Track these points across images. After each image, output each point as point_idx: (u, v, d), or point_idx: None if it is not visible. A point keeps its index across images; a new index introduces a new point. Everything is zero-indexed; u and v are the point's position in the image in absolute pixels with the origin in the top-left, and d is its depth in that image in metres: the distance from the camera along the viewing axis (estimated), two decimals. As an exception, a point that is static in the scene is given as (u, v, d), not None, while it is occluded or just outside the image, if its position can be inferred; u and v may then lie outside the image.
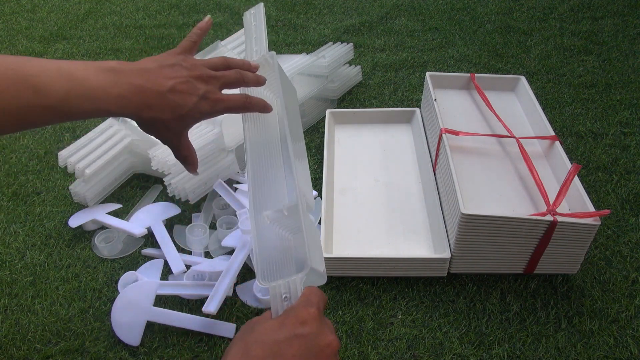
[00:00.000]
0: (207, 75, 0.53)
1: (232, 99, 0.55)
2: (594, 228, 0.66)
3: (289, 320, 0.42)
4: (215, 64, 0.56)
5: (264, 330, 0.42)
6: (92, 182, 0.85)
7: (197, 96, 0.52)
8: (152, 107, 0.50)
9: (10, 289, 0.75)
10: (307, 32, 1.40)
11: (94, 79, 0.47)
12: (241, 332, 0.44)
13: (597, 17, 1.41)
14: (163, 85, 0.50)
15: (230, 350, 0.42)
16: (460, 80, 0.98)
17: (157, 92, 0.50)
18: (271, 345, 0.41)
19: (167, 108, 0.51)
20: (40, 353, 0.66)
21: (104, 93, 0.48)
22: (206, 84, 0.53)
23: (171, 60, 0.53)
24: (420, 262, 0.71)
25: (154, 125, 0.52)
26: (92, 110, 0.48)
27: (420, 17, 1.46)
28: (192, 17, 1.50)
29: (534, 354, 0.65)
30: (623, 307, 0.69)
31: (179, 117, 0.52)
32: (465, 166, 0.80)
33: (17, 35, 1.43)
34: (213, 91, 0.53)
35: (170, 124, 0.52)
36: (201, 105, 0.52)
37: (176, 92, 0.51)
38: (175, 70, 0.52)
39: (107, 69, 0.49)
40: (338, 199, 0.84)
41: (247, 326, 0.45)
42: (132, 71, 0.50)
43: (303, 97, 0.99)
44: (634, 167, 0.92)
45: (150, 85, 0.50)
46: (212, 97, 0.53)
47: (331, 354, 0.42)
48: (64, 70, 0.47)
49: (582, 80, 1.15)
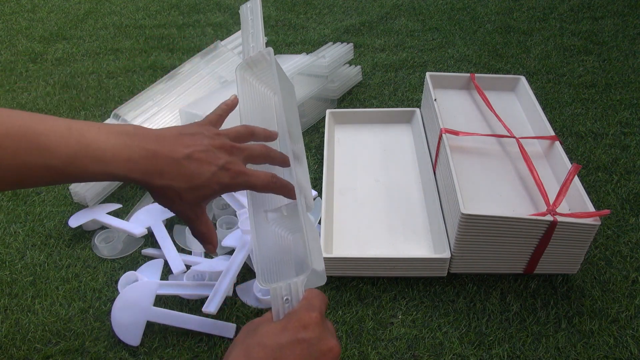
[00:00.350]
0: (230, 146, 0.50)
1: (257, 175, 0.51)
2: (594, 228, 0.65)
3: (292, 324, 0.42)
4: (239, 132, 0.53)
5: (266, 333, 0.42)
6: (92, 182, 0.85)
7: (216, 166, 0.48)
8: (164, 174, 0.47)
9: (10, 289, 0.75)
10: (307, 32, 1.40)
11: (105, 141, 0.45)
12: (242, 335, 0.44)
13: (597, 17, 1.41)
14: (179, 152, 0.47)
15: (232, 353, 0.42)
16: (460, 80, 0.98)
17: (171, 158, 0.47)
18: (273, 349, 0.41)
19: (181, 176, 0.47)
20: (40, 353, 0.66)
21: (112, 156, 0.45)
22: (229, 155, 0.50)
23: (192, 129, 0.50)
24: (420, 262, 0.71)
25: (166, 195, 0.48)
26: (98, 173, 0.45)
27: (420, 17, 1.46)
28: (192, 17, 1.50)
29: (534, 354, 0.65)
30: (623, 307, 0.69)
31: (194, 188, 0.48)
32: (465, 166, 0.80)
33: (17, 35, 1.43)
34: (236, 162, 0.50)
35: (184, 194, 0.48)
36: (220, 176, 0.48)
37: (193, 159, 0.47)
38: (195, 138, 0.49)
39: (121, 132, 0.46)
40: (338, 199, 0.84)
41: (248, 328, 0.44)
42: (148, 136, 0.47)
43: (303, 97, 0.99)
44: (634, 167, 0.92)
45: (164, 150, 0.47)
46: (233, 169, 0.49)
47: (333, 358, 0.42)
48: (75, 130, 0.44)
49: (582, 80, 1.15)
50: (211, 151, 0.49)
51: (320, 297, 0.45)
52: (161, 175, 0.47)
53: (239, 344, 0.42)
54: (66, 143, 0.44)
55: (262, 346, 0.41)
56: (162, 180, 0.47)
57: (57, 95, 1.17)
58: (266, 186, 0.51)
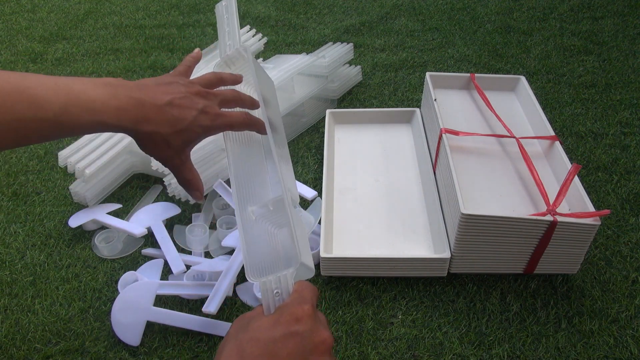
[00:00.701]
0: (205, 92, 0.53)
1: (233, 115, 0.54)
2: (594, 228, 0.65)
3: (284, 317, 0.42)
4: (209, 80, 0.56)
5: (259, 327, 0.42)
6: (92, 182, 0.85)
7: (196, 110, 0.51)
8: (150, 121, 0.49)
9: (10, 289, 0.75)
10: (307, 32, 1.40)
11: (92, 92, 0.47)
12: (234, 329, 0.44)
13: (597, 17, 1.41)
14: (161, 99, 0.50)
15: (225, 348, 0.42)
16: (460, 80, 0.98)
17: (155, 105, 0.49)
18: (266, 343, 0.41)
19: (165, 121, 0.50)
20: (40, 353, 0.66)
21: (102, 105, 0.47)
22: (205, 99, 0.53)
23: (168, 79, 0.53)
24: (420, 262, 0.71)
25: (153, 141, 0.51)
26: (90, 123, 0.47)
27: (420, 17, 1.46)
28: (192, 17, 1.50)
29: (534, 354, 0.65)
30: (623, 307, 0.69)
31: (179, 132, 0.51)
32: (465, 166, 0.80)
33: (17, 35, 1.43)
34: (212, 106, 0.53)
35: (169, 138, 0.51)
36: (201, 119, 0.52)
37: (174, 105, 0.50)
38: (172, 86, 0.52)
39: (106, 84, 0.48)
40: (338, 199, 0.84)
41: (240, 323, 0.44)
42: (130, 86, 0.50)
43: (303, 97, 0.99)
44: (634, 167, 0.92)
45: (148, 98, 0.49)
46: (211, 112, 0.52)
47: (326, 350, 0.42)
48: (62, 83, 0.46)
49: (582, 80, 1.15)
50: (189, 97, 0.51)
51: (311, 289, 0.45)
52: (148, 121, 0.49)
53: (232, 339, 0.42)
54: (56, 95, 0.45)
55: (256, 341, 0.41)
56: (149, 126, 0.49)
57: (57, 95, 1.17)
58: (242, 123, 0.55)
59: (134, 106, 0.48)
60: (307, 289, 0.45)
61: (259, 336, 0.41)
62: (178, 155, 0.53)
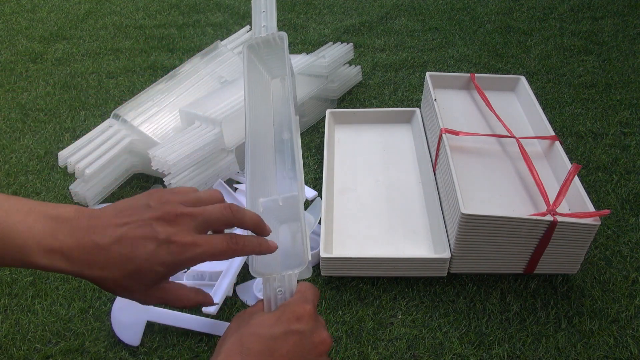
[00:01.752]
0: (175, 214, 0.41)
1: (211, 241, 0.42)
2: (594, 228, 0.65)
3: (286, 315, 0.42)
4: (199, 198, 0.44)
5: (260, 323, 0.42)
6: (92, 182, 0.85)
7: (155, 243, 0.40)
8: (92, 265, 0.40)
9: (10, 289, 0.75)
10: (307, 32, 1.40)
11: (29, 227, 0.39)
12: (235, 324, 0.44)
13: (597, 17, 1.41)
14: (110, 235, 0.40)
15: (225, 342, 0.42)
16: (460, 80, 0.98)
17: (97, 244, 0.40)
18: (267, 339, 0.41)
19: (111, 264, 0.40)
20: (40, 353, 0.66)
21: (34, 245, 0.39)
22: (171, 225, 0.41)
23: (140, 201, 0.42)
24: (420, 262, 0.71)
25: (107, 286, 0.41)
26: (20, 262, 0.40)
27: (420, 17, 1.46)
28: (192, 17, 1.50)
29: (534, 354, 0.65)
30: (623, 307, 0.69)
31: (131, 274, 0.40)
32: (465, 166, 0.80)
33: (17, 35, 1.43)
34: (180, 233, 0.41)
35: (123, 282, 0.40)
36: (161, 254, 0.40)
37: (124, 241, 0.40)
38: (134, 212, 0.41)
39: (52, 217, 0.40)
40: (338, 199, 0.84)
41: (241, 318, 0.44)
42: (80, 220, 0.41)
43: (303, 97, 0.99)
44: (634, 167, 0.92)
45: (93, 237, 0.40)
46: (178, 241, 0.40)
47: (324, 351, 0.42)
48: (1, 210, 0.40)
49: (582, 80, 1.15)
50: (148, 225, 0.40)
51: (313, 290, 0.45)
52: (90, 266, 0.40)
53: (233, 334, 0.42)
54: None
55: (256, 336, 0.41)
56: (92, 271, 0.40)
57: (57, 95, 1.17)
58: (225, 251, 0.42)
59: (70, 248, 0.39)
60: (310, 289, 0.45)
61: (259, 332, 0.41)
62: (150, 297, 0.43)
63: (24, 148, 1.01)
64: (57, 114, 1.11)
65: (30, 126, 1.08)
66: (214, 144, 0.83)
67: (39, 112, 1.12)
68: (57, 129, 1.06)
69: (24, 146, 1.02)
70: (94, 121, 1.08)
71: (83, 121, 1.09)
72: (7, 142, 1.03)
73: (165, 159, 0.79)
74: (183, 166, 0.80)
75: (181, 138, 0.83)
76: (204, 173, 0.83)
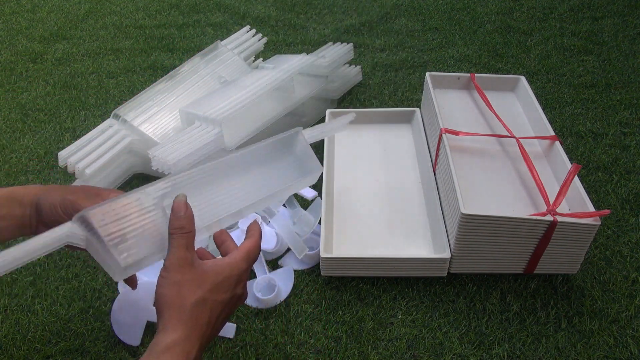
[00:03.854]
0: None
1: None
2: (594, 228, 0.65)
3: (234, 280, 0.49)
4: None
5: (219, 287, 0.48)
6: (92, 182, 0.85)
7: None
8: None
9: (10, 289, 0.75)
10: (307, 32, 1.40)
11: None
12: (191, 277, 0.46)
13: (597, 17, 1.41)
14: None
15: (187, 300, 0.45)
16: (460, 80, 0.98)
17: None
18: (220, 303, 0.48)
19: None
20: (40, 353, 0.66)
21: None
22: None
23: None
24: (420, 262, 0.71)
25: None
26: None
27: (420, 17, 1.46)
28: (192, 17, 1.50)
29: (534, 354, 0.65)
30: (623, 307, 0.69)
31: None
32: (465, 166, 0.80)
33: (17, 35, 1.43)
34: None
35: None
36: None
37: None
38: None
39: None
40: (338, 199, 0.84)
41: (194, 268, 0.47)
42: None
43: (303, 97, 0.99)
44: (634, 167, 0.92)
45: None
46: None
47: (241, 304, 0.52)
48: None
49: (582, 80, 1.15)
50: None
51: (257, 252, 0.52)
52: None
53: (195, 290, 0.46)
54: None
55: (218, 302, 0.47)
56: None
57: (57, 95, 1.17)
58: None
59: None
60: (256, 250, 0.51)
61: (219, 298, 0.47)
62: None
63: (24, 148, 1.01)
64: (57, 114, 1.11)
65: (30, 126, 1.08)
66: (214, 144, 0.83)
67: (39, 112, 1.12)
68: (57, 129, 1.06)
69: (24, 146, 1.02)
70: (94, 121, 1.08)
71: (83, 121, 1.09)
72: (7, 142, 1.03)
73: (165, 159, 0.79)
74: (183, 166, 0.80)
75: (181, 138, 0.83)
76: (204, 173, 0.83)
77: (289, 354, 0.65)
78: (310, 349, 0.66)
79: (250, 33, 1.11)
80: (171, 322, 0.43)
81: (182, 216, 0.47)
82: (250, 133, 0.89)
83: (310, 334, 0.68)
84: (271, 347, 0.66)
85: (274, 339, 0.67)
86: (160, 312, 0.45)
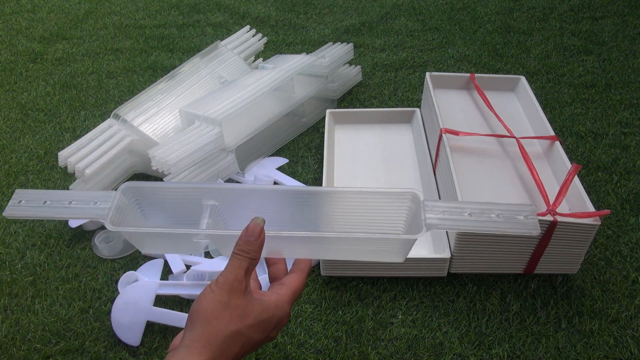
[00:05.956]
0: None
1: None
2: (594, 228, 0.65)
3: (275, 321, 0.47)
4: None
5: (260, 323, 0.45)
6: (92, 182, 0.85)
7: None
8: None
9: (10, 289, 0.75)
10: (307, 32, 1.40)
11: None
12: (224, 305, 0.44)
13: (597, 17, 1.41)
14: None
15: (220, 327, 0.43)
16: (460, 80, 0.98)
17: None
18: (256, 342, 0.46)
19: None
20: (40, 353, 0.66)
21: None
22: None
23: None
24: (420, 262, 0.71)
25: None
26: None
27: (420, 17, 1.46)
28: (192, 17, 1.50)
29: (534, 354, 0.65)
30: (623, 307, 0.69)
31: None
32: (465, 166, 0.80)
33: (17, 35, 1.43)
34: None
35: None
36: None
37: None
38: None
39: None
40: (338, 199, 0.84)
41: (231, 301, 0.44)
42: None
43: (303, 97, 0.99)
44: (634, 167, 0.92)
45: None
46: None
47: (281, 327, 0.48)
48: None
49: (582, 80, 1.15)
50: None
51: (302, 289, 0.50)
52: None
53: (229, 323, 0.43)
54: None
55: (253, 337, 0.45)
56: None
57: (57, 95, 1.17)
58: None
59: None
60: (300, 288, 0.49)
61: (254, 337, 0.45)
62: None
63: (24, 148, 1.01)
64: (57, 114, 1.11)
65: (30, 126, 1.08)
66: (214, 144, 0.83)
67: (39, 112, 1.12)
68: (57, 129, 1.06)
69: (24, 146, 1.02)
70: (94, 121, 1.08)
71: (83, 121, 1.09)
72: (7, 142, 1.03)
73: (165, 159, 0.79)
74: (183, 166, 0.80)
75: (181, 138, 0.83)
76: (204, 173, 0.83)
77: (288, 354, 0.65)
78: (310, 349, 0.66)
79: (250, 33, 1.12)
80: (200, 343, 0.42)
81: (253, 241, 0.45)
82: (250, 133, 0.90)
83: (310, 334, 0.68)
84: (271, 347, 0.66)
85: (273, 339, 0.67)
86: (192, 324, 0.43)
